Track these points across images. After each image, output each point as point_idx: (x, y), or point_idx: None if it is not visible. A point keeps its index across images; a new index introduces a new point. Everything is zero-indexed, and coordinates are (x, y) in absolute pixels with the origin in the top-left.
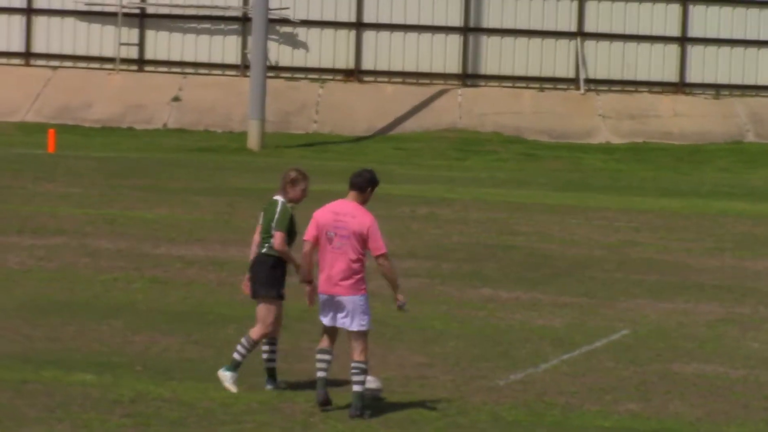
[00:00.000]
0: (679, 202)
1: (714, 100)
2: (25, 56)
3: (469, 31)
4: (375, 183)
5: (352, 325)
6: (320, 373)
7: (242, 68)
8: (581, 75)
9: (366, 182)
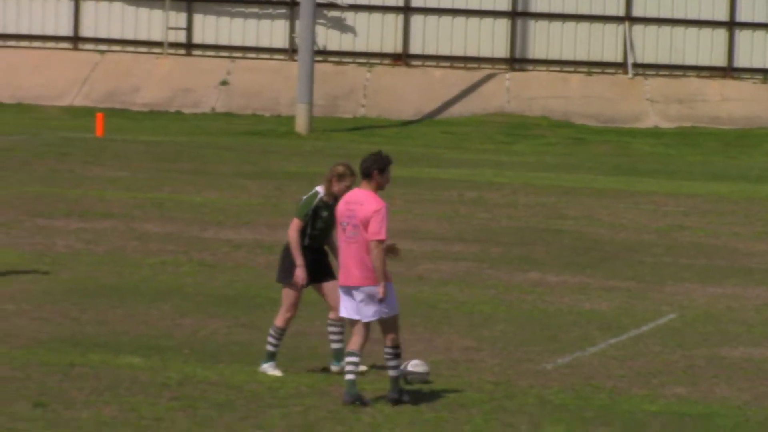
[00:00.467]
0: (728, 187)
1: (762, 85)
2: (74, 40)
3: (517, 15)
4: (380, 165)
5: (372, 315)
6: (349, 376)
7: (290, 52)
8: (629, 59)
9: (368, 167)
